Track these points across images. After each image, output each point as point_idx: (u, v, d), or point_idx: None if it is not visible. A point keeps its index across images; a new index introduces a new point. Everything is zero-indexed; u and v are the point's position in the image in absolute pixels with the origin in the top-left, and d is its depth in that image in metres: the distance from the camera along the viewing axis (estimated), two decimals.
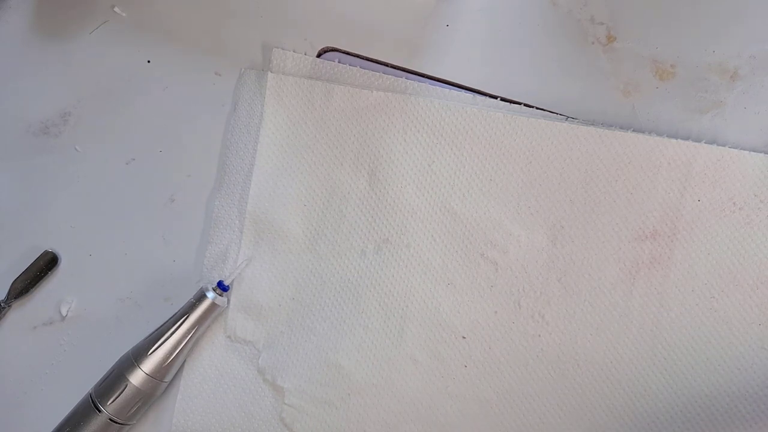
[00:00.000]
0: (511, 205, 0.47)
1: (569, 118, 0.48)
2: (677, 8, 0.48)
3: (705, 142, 0.46)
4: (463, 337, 0.47)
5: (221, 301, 0.47)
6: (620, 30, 0.48)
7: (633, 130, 0.47)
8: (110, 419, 0.45)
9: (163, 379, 0.46)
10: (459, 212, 0.47)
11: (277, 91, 0.49)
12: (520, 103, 0.48)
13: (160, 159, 0.50)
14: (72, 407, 0.47)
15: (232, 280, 0.48)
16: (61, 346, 0.50)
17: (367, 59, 0.49)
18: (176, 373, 0.48)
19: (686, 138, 0.46)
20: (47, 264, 0.50)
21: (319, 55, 0.50)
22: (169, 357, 0.46)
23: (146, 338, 0.46)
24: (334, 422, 0.48)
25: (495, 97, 0.48)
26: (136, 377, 0.45)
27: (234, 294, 0.49)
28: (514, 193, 0.47)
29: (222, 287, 0.47)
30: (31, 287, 0.50)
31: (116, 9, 0.51)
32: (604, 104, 0.48)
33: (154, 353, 0.46)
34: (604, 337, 0.46)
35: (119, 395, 0.45)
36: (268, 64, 0.50)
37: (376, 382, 0.47)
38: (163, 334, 0.46)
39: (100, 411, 0.45)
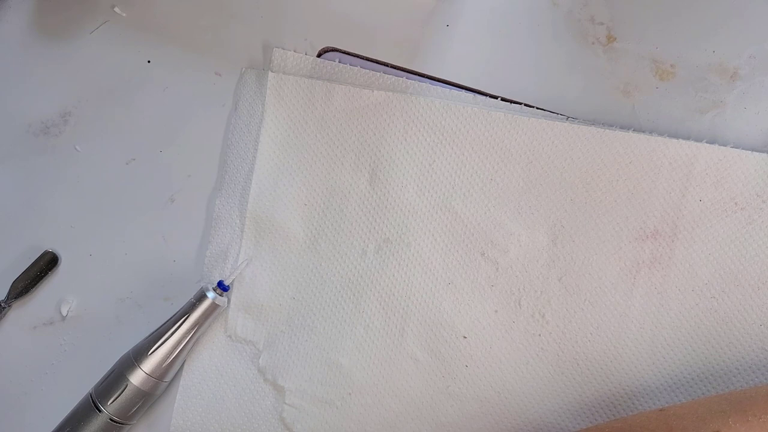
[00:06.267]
0: (512, 205, 0.47)
1: (569, 118, 0.48)
2: (677, 8, 0.48)
3: (705, 142, 0.46)
4: (464, 337, 0.47)
5: (221, 301, 0.47)
6: (620, 30, 0.48)
7: (633, 130, 0.47)
8: (110, 419, 0.45)
9: (164, 378, 0.46)
10: (460, 212, 0.47)
11: (278, 90, 0.49)
12: (520, 103, 0.48)
13: (160, 159, 0.50)
14: (72, 407, 0.47)
15: (233, 280, 0.48)
16: (61, 346, 0.50)
17: (368, 59, 0.49)
18: (176, 373, 0.48)
19: (686, 138, 0.46)
20: (47, 264, 0.50)
21: (319, 55, 0.50)
22: (169, 357, 0.46)
23: (146, 338, 0.46)
24: (335, 422, 0.48)
25: (495, 97, 0.48)
26: (137, 377, 0.45)
27: (234, 294, 0.49)
28: (514, 192, 0.47)
29: (222, 287, 0.47)
30: (31, 287, 0.50)
31: (116, 9, 0.51)
32: (604, 104, 0.48)
33: (154, 353, 0.45)
34: (604, 336, 0.46)
35: (119, 395, 0.45)
36: (268, 63, 0.50)
37: (377, 382, 0.47)
38: (164, 334, 0.46)
39: (100, 411, 0.45)
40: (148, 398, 0.46)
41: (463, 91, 0.49)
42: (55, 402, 0.49)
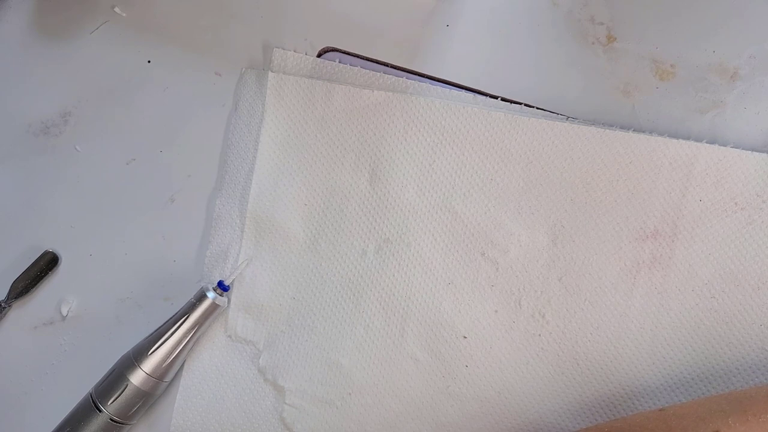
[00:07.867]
0: (512, 205, 0.47)
1: (569, 118, 0.48)
2: (677, 8, 0.48)
3: (705, 142, 0.46)
4: (464, 337, 0.47)
5: (222, 301, 0.47)
6: (620, 30, 0.48)
7: (633, 130, 0.47)
8: (111, 419, 0.45)
9: (164, 378, 0.46)
10: (460, 212, 0.47)
11: (278, 90, 0.49)
12: (520, 103, 0.48)
13: (160, 159, 0.50)
14: (72, 407, 0.47)
15: (233, 280, 0.48)
16: (61, 346, 0.50)
17: (368, 59, 0.49)
18: (176, 373, 0.48)
19: (686, 138, 0.46)
20: (47, 264, 0.50)
21: (319, 55, 0.50)
22: (169, 357, 0.46)
23: (146, 338, 0.46)
24: (335, 422, 0.48)
25: (495, 97, 0.48)
26: (137, 377, 0.45)
27: (235, 294, 0.49)
28: (514, 192, 0.47)
29: (222, 287, 0.47)
30: (32, 287, 0.50)
31: (116, 9, 0.51)
32: (604, 104, 0.48)
33: (154, 353, 0.45)
34: (604, 336, 0.46)
35: (120, 395, 0.45)
36: (268, 63, 0.50)
37: (377, 382, 0.47)
38: (164, 334, 0.46)
39: (100, 411, 0.45)
40: (148, 398, 0.46)
41: (463, 91, 0.49)
42: (55, 402, 0.49)
